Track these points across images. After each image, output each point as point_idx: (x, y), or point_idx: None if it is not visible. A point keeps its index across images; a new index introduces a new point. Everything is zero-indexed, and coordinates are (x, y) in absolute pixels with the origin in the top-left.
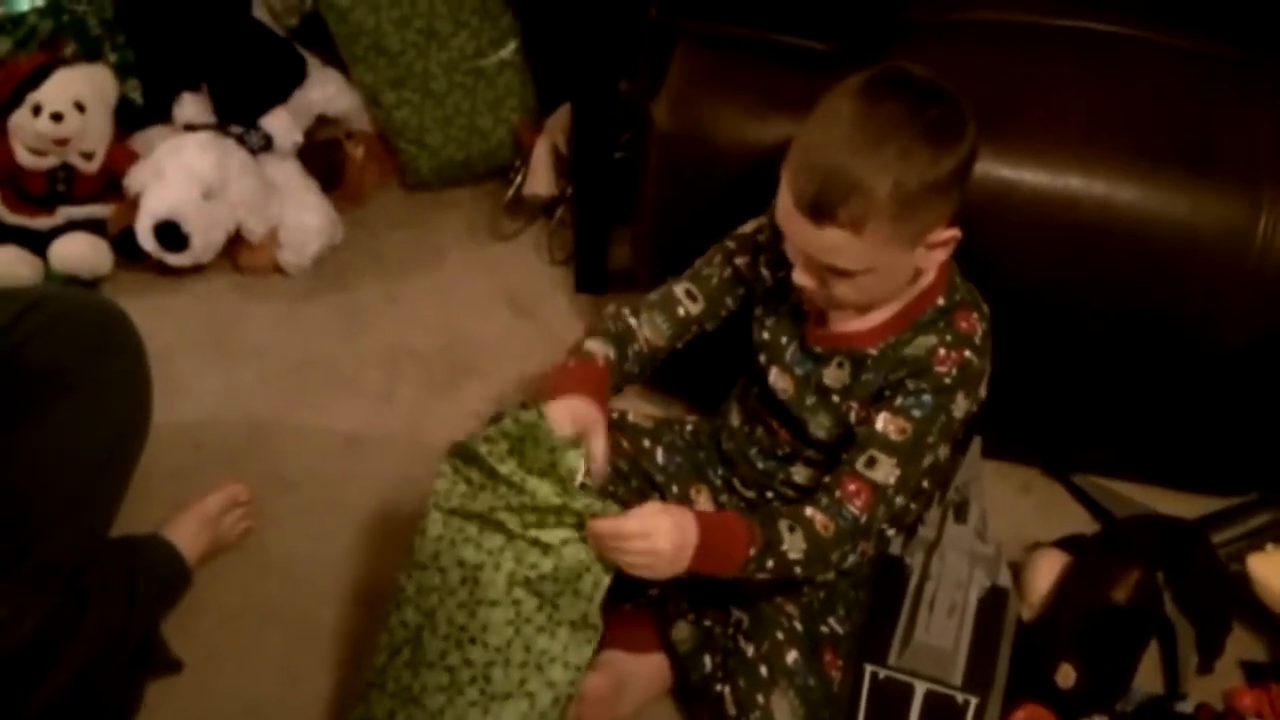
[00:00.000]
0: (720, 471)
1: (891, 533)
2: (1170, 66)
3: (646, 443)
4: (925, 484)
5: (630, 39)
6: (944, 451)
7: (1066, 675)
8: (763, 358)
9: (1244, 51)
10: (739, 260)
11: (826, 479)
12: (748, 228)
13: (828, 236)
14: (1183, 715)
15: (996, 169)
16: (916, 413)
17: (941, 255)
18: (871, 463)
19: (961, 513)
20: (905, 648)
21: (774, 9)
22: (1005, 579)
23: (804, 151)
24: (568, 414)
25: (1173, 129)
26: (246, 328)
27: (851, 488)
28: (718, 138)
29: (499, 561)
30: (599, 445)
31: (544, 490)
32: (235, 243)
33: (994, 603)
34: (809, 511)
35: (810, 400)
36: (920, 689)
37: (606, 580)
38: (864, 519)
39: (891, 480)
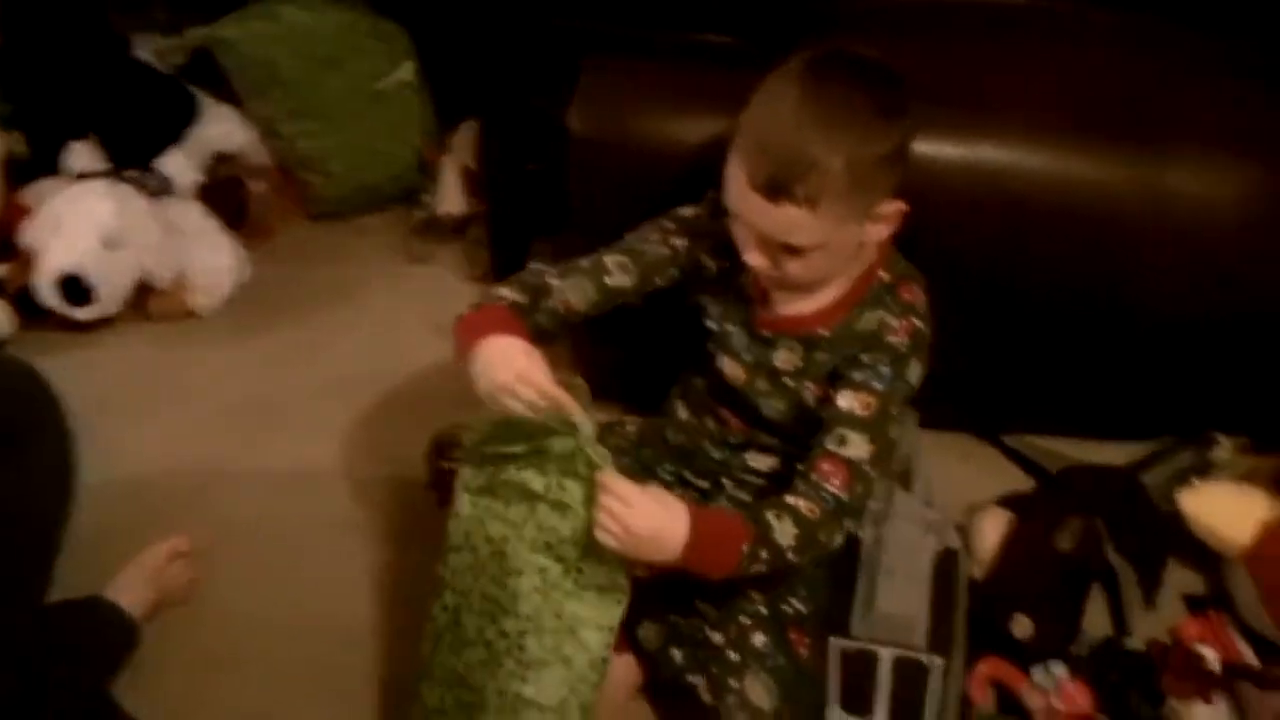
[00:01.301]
0: (669, 466)
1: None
2: (1082, 39)
3: None
4: None
5: (534, 50)
6: (904, 419)
7: (1022, 625)
8: (711, 346)
9: (1151, 21)
10: (677, 241)
11: (800, 466)
12: (686, 212)
13: (784, 214)
14: (1133, 652)
15: (921, 146)
16: (877, 385)
17: (886, 229)
18: (842, 441)
19: (907, 482)
20: (867, 617)
21: (678, 9)
22: (954, 541)
23: (755, 134)
24: (500, 357)
25: (1087, 96)
26: (167, 376)
27: (827, 468)
28: (633, 139)
29: (522, 532)
30: (542, 374)
31: (558, 442)
32: (143, 291)
33: (946, 565)
34: (790, 499)
35: (762, 385)
36: (887, 655)
37: None
38: (845, 496)
39: (865, 454)
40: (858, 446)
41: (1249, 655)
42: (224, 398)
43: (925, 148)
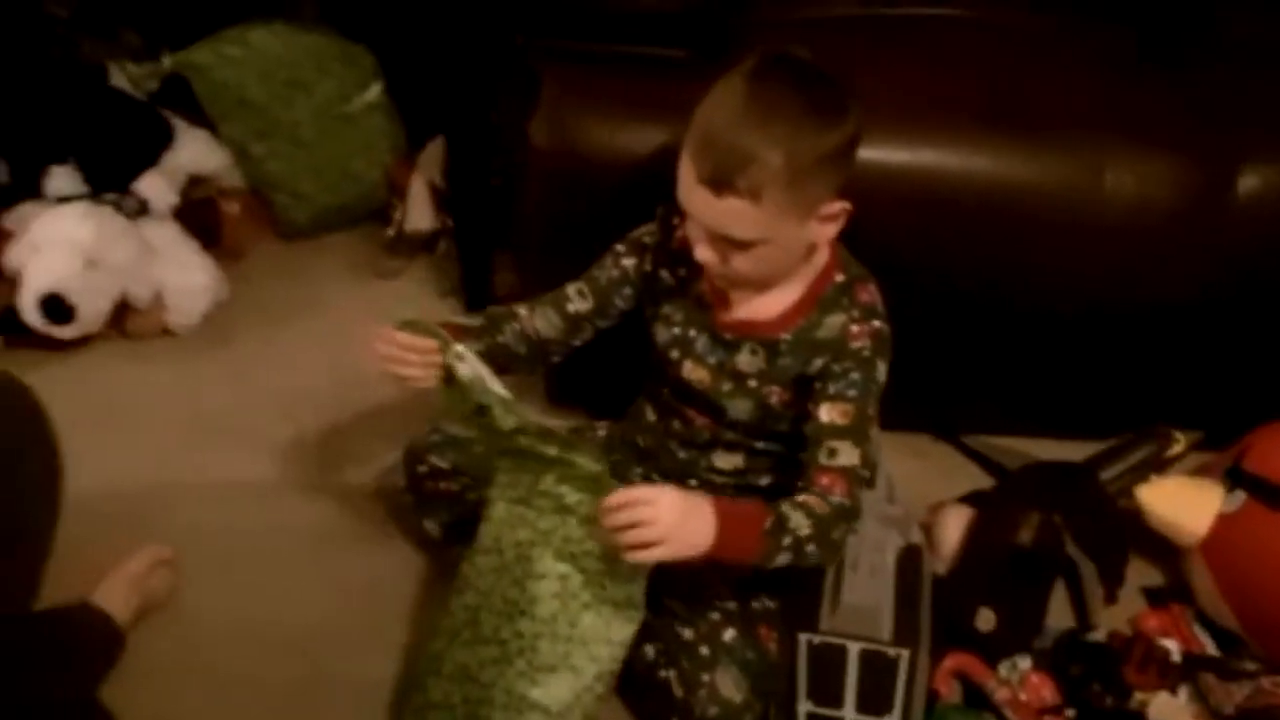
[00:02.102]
0: (639, 470)
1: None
2: (996, 42)
3: None
4: None
5: (495, 68)
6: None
7: (986, 619)
8: (675, 353)
9: (1058, 21)
10: (626, 262)
11: (800, 481)
12: (636, 232)
13: (728, 206)
14: (1096, 645)
15: (863, 152)
16: (852, 393)
17: (832, 229)
18: (832, 453)
19: (870, 480)
20: (835, 611)
21: (628, 25)
22: (917, 537)
23: (701, 130)
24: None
25: (1008, 99)
26: (141, 392)
27: (825, 481)
28: (592, 149)
29: (550, 539)
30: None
31: (583, 461)
32: (121, 310)
33: (910, 560)
34: (800, 498)
35: (727, 387)
36: (854, 649)
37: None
38: (849, 502)
39: (856, 460)
40: (848, 455)
41: (1209, 646)
42: (195, 412)
43: (863, 153)
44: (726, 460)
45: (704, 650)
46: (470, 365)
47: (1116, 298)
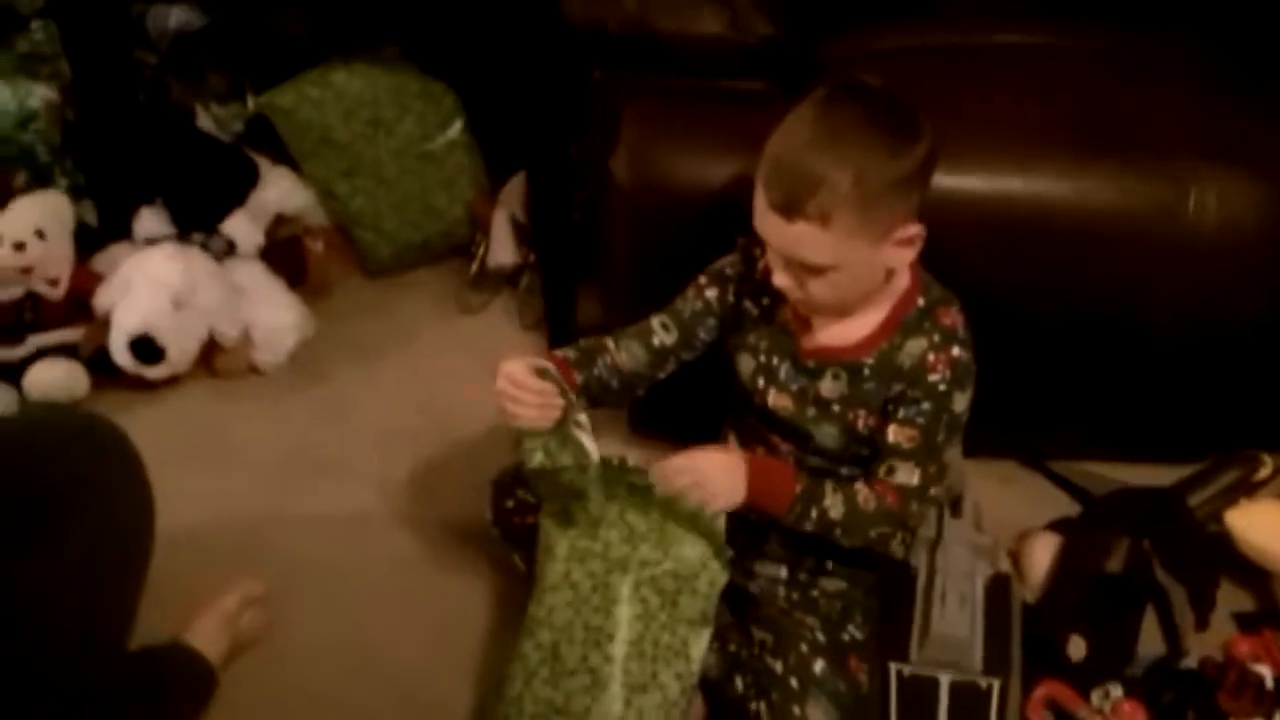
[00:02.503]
0: None
1: (900, 539)
2: (1080, 66)
3: None
4: None
5: (574, 103)
6: (957, 444)
7: (1077, 646)
8: (761, 382)
9: (1140, 41)
10: (709, 293)
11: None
12: (718, 263)
13: (798, 231)
14: (1188, 671)
15: (945, 179)
16: (920, 420)
17: (909, 253)
18: (891, 471)
19: (957, 508)
20: (924, 642)
21: (707, 58)
22: (1005, 565)
23: (773, 157)
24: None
25: (1095, 123)
26: (233, 430)
27: (879, 490)
28: (675, 183)
29: (626, 565)
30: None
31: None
32: (209, 349)
33: (999, 589)
34: (855, 485)
35: (811, 413)
36: (945, 679)
37: (723, 579)
38: (898, 511)
39: (914, 481)
40: (906, 474)
41: None
42: (284, 448)
43: (944, 180)
44: None
45: (794, 682)
46: (587, 433)
47: (1202, 320)
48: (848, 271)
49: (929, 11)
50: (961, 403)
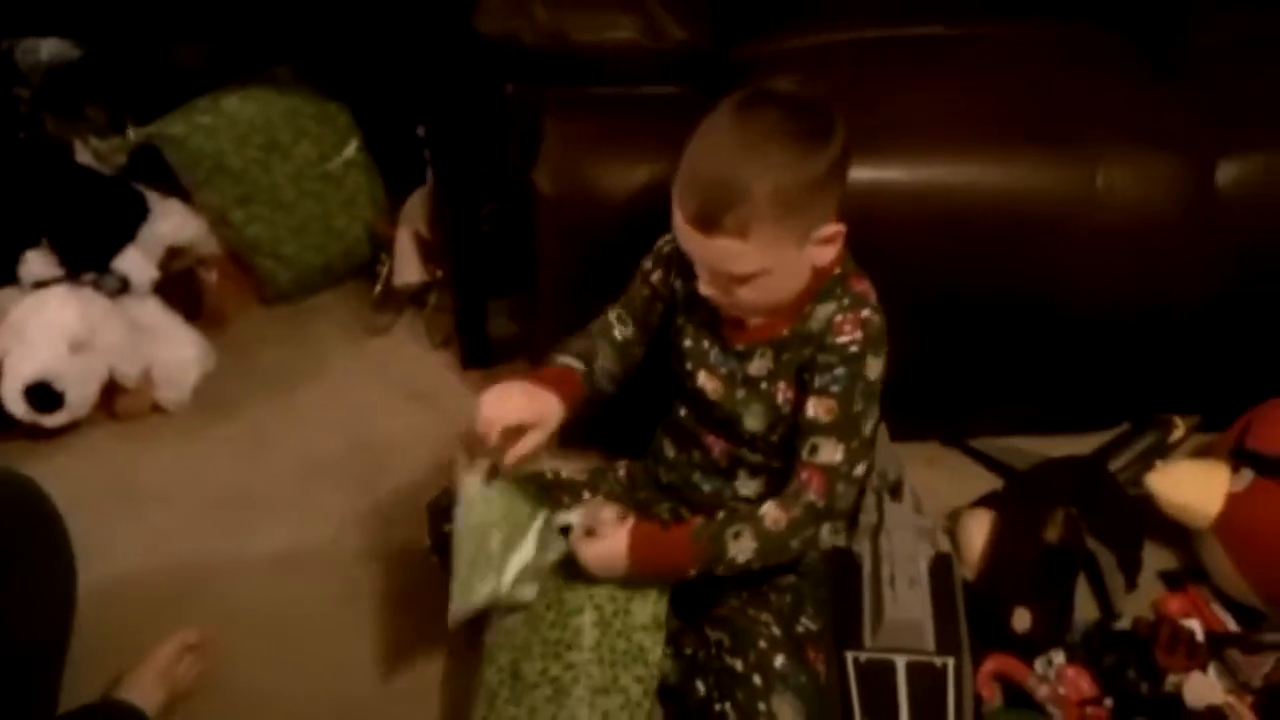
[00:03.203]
0: (666, 505)
1: (831, 528)
2: (995, 56)
3: (587, 494)
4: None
5: (484, 116)
6: (875, 413)
7: (1022, 619)
8: (689, 364)
9: (1052, 30)
10: (654, 276)
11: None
12: (659, 242)
13: (718, 245)
14: (1124, 633)
15: (867, 172)
16: (835, 388)
17: (831, 251)
18: (814, 449)
19: (897, 493)
20: (878, 627)
21: (624, 67)
22: (945, 545)
23: (687, 169)
24: (524, 397)
25: (1013, 111)
26: (144, 473)
27: (804, 476)
28: (600, 192)
29: (575, 580)
30: (536, 438)
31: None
32: (109, 391)
33: (942, 569)
34: (763, 509)
35: (740, 394)
36: (901, 662)
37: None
38: (822, 502)
39: (839, 458)
40: (830, 452)
41: (1230, 622)
42: (202, 490)
43: (867, 171)
44: (750, 486)
45: (757, 679)
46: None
47: (1119, 296)
48: (774, 276)
49: (839, 9)
50: (875, 369)
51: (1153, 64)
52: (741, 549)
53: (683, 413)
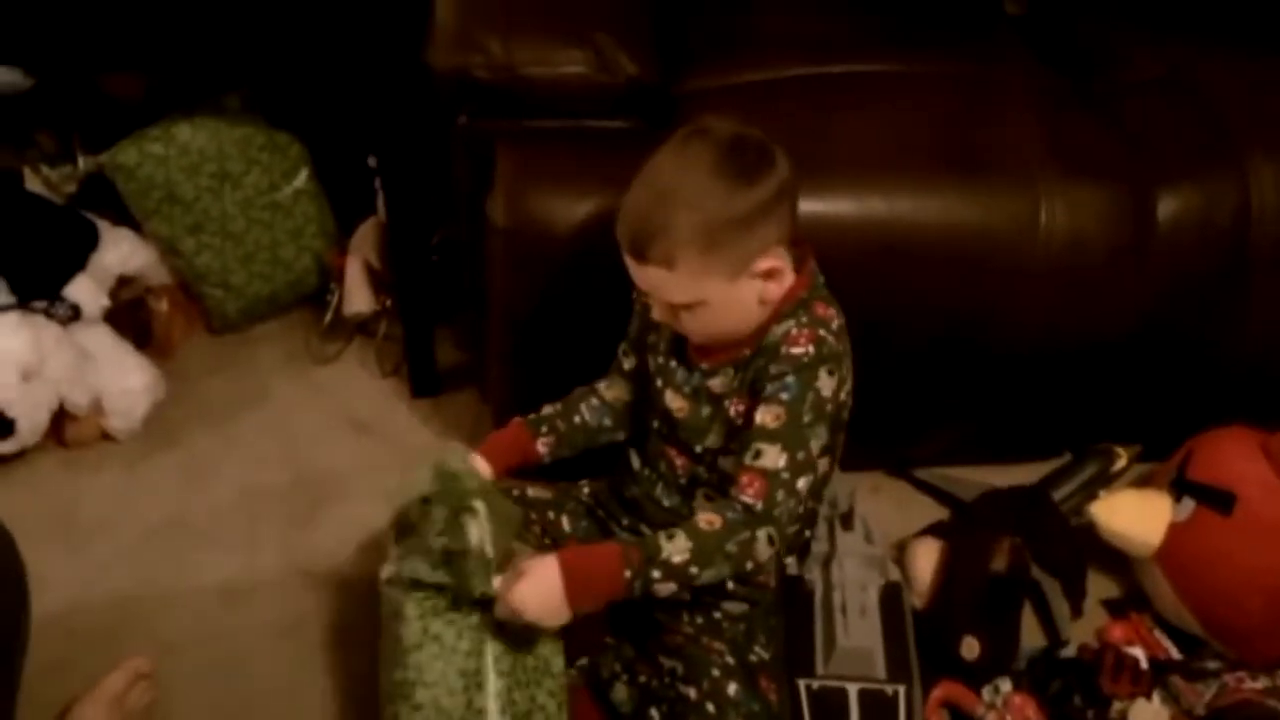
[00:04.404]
0: (625, 521)
1: (790, 559)
2: (929, 91)
3: (551, 514)
4: (811, 504)
5: (435, 148)
6: (825, 435)
7: (970, 647)
8: (659, 382)
9: (980, 67)
10: (637, 306)
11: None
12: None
13: (650, 274)
14: (1068, 660)
15: (806, 205)
16: (784, 395)
17: (776, 287)
18: (758, 454)
19: (848, 522)
20: (830, 655)
21: (573, 102)
22: (895, 574)
23: (624, 204)
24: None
25: (949, 144)
26: (91, 502)
27: (744, 480)
28: (552, 223)
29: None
30: None
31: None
32: (58, 419)
33: (892, 597)
34: (696, 517)
35: (705, 411)
36: (853, 690)
37: None
38: (759, 505)
39: (780, 464)
40: (771, 457)
41: (1172, 649)
42: (146, 519)
43: (802, 205)
44: (706, 507)
45: (710, 707)
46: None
47: (1059, 327)
48: (712, 307)
49: (775, 45)
50: (828, 385)
51: (1082, 98)
52: (676, 548)
53: (652, 427)
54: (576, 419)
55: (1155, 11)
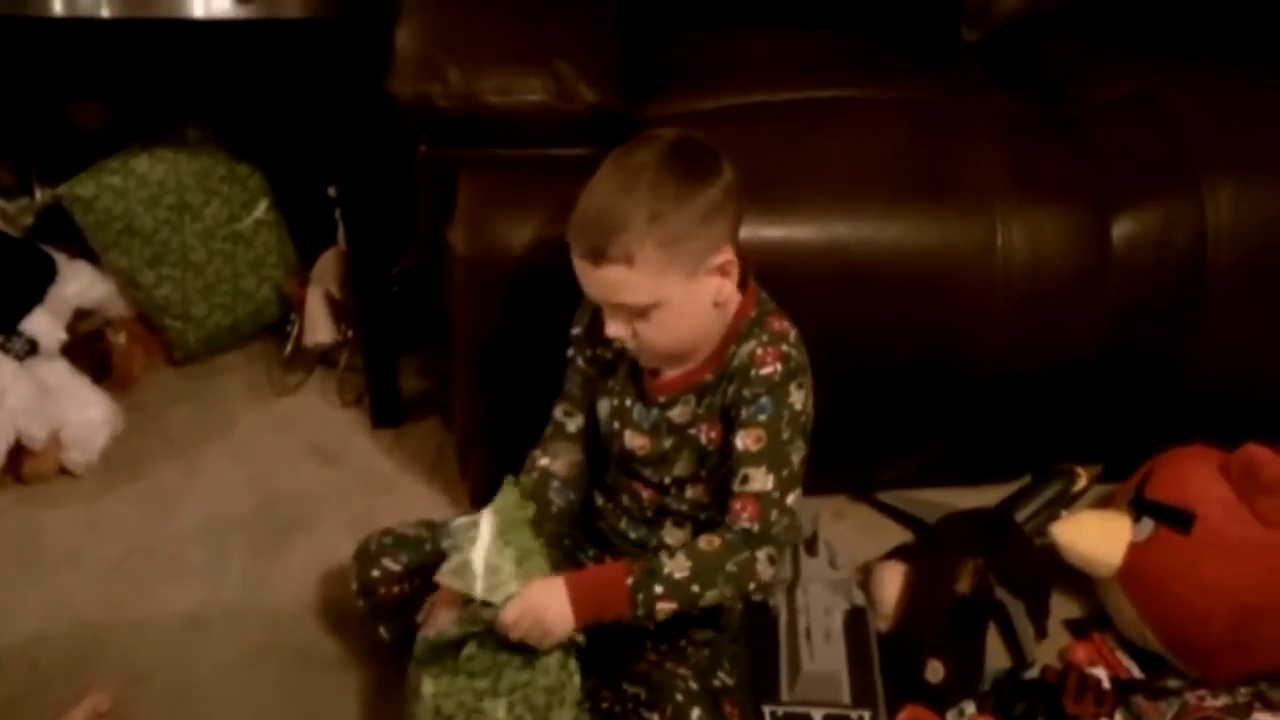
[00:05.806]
0: (592, 553)
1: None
2: (893, 116)
3: None
4: None
5: (397, 177)
6: (803, 447)
7: (935, 670)
8: (616, 424)
9: (944, 92)
10: (579, 361)
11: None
12: (572, 328)
13: (609, 274)
14: (1033, 681)
15: (770, 230)
16: (762, 417)
17: (728, 282)
18: (746, 480)
19: (811, 547)
20: (795, 680)
21: (534, 130)
22: (860, 599)
23: (577, 212)
24: None
25: (912, 168)
26: (51, 537)
27: (737, 506)
28: (514, 251)
29: (497, 690)
30: None
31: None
32: (15, 454)
33: (857, 621)
34: (695, 539)
35: (669, 442)
36: (818, 715)
37: (578, 676)
38: (756, 527)
39: (769, 485)
40: (760, 480)
41: (1134, 669)
42: (108, 552)
43: (766, 230)
44: (675, 535)
45: None
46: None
47: (1019, 349)
48: (672, 309)
49: (740, 71)
50: (799, 399)
51: (1042, 123)
52: (677, 565)
53: (612, 470)
54: (553, 509)
55: (1117, 35)
